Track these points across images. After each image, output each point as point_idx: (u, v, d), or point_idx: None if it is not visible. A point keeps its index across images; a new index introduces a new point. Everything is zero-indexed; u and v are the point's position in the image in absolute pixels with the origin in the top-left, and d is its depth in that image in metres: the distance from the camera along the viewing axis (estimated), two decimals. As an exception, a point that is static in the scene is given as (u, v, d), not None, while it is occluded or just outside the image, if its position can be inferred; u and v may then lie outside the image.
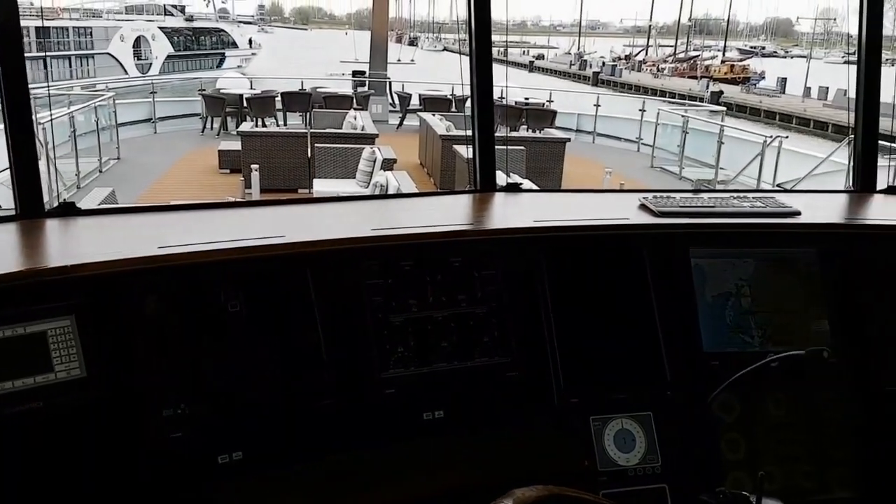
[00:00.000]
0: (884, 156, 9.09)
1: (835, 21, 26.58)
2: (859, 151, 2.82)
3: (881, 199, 2.73)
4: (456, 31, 10.97)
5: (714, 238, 2.27)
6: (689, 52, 62.16)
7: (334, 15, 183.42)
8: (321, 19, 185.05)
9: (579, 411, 2.06)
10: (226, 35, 51.05)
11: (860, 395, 2.18)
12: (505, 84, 14.77)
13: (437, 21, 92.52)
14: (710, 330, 2.20)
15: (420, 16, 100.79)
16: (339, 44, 44.12)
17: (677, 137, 14.15)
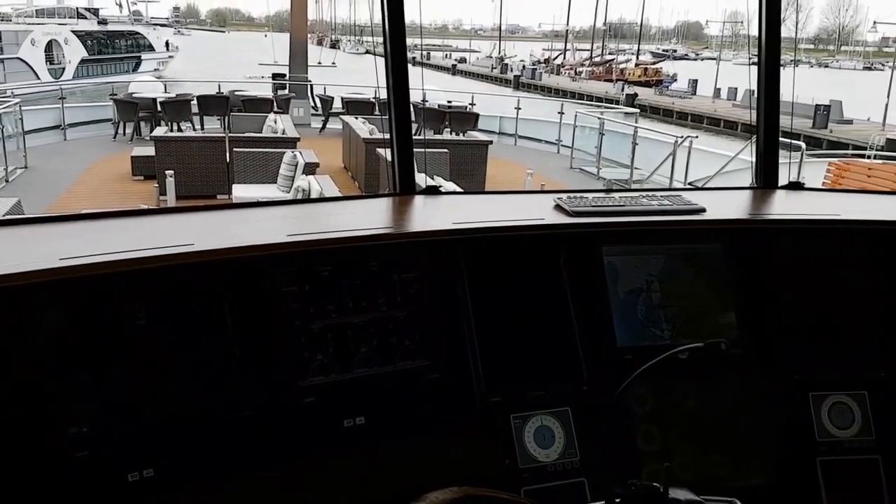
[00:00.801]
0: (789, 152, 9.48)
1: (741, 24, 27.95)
2: (761, 149, 2.96)
3: (782, 195, 2.87)
4: (379, 34, 10.98)
5: (625, 236, 2.33)
6: (605, 55, 63.93)
7: (253, 17, 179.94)
8: (239, 21, 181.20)
9: (500, 410, 2.08)
10: (141, 38, 49.48)
11: (767, 383, 2.28)
12: (422, 87, 14.86)
13: (359, 24, 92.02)
14: (624, 325, 2.26)
15: (342, 18, 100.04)
16: (258, 46, 43.29)
17: (595, 139, 14.52)
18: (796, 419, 2.25)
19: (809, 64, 70.14)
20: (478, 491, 1.18)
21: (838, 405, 2.26)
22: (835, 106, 31.00)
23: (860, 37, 77.30)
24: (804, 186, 2.98)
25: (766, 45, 2.86)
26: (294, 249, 1.96)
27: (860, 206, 2.85)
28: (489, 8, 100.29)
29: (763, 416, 2.25)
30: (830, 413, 2.25)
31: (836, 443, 2.23)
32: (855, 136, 27.11)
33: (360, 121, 12.75)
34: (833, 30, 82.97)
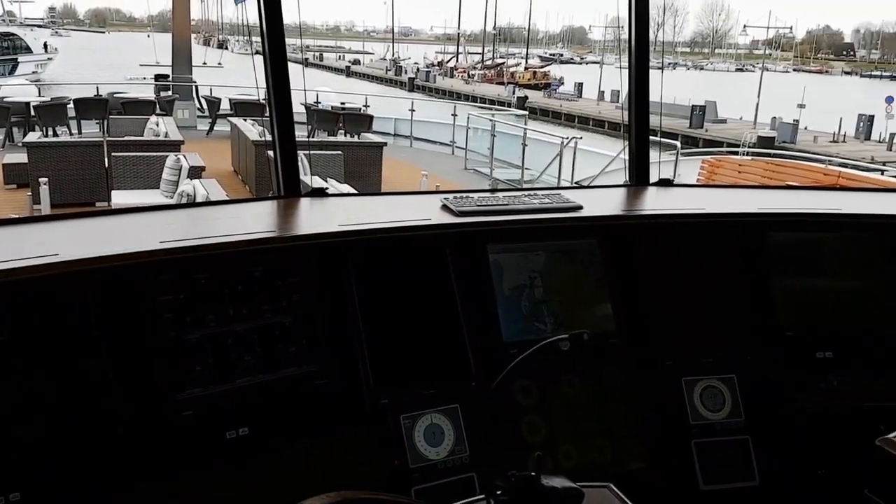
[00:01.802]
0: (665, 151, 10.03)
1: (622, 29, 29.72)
2: (633, 149, 3.10)
3: (654, 192, 3.02)
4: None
5: (508, 234, 2.39)
6: (496, 59, 65.19)
7: (134, 17, 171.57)
8: (120, 21, 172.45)
9: (390, 411, 2.08)
10: (18, 39, 46.15)
11: (643, 370, 2.39)
12: (305, 87, 14.64)
13: (247, 24, 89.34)
14: (509, 320, 2.32)
15: (230, 18, 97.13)
16: (140, 47, 41.40)
17: (488, 140, 14.79)
18: (671, 404, 2.38)
19: (686, 66, 74.20)
20: (356, 494, 1.17)
21: (709, 389, 2.40)
22: (710, 106, 32.95)
23: (732, 40, 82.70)
24: (673, 183, 3.15)
25: (635, 49, 3.00)
26: (166, 257, 1.89)
27: (724, 200, 3.04)
28: (382, 10, 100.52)
29: (640, 403, 2.36)
30: (702, 397, 2.39)
31: (709, 425, 2.37)
32: (729, 134, 28.88)
33: (250, 123, 12.43)
34: (707, 33, 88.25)
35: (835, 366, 2.45)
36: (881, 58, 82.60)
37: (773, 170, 11.94)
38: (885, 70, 73.50)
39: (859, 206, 2.94)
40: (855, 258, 2.60)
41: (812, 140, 28.12)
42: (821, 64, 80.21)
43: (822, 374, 2.43)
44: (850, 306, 2.56)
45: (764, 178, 11.56)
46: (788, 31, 72.67)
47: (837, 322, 2.54)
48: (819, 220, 2.63)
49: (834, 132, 29.67)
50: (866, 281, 2.58)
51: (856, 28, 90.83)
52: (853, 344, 2.50)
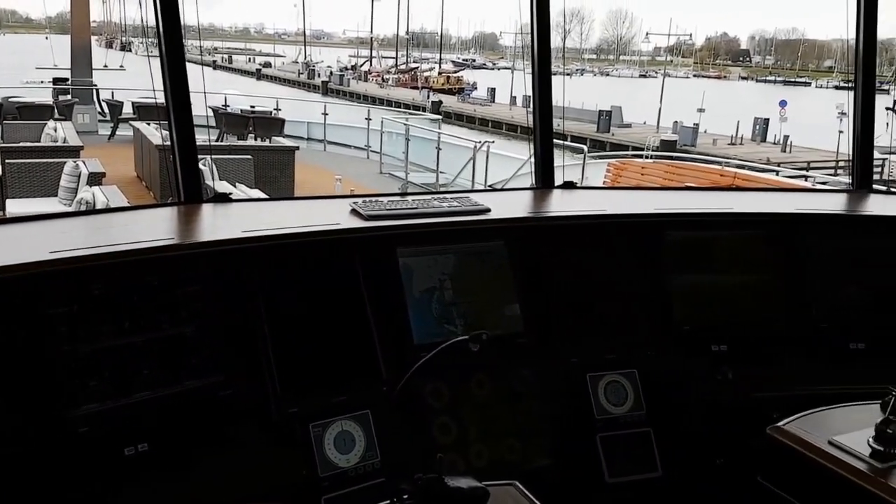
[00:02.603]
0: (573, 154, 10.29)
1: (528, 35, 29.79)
2: (538, 153, 3.18)
3: (558, 194, 3.11)
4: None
5: (417, 237, 2.41)
6: (410, 63, 65.36)
7: (31, 18, 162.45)
8: (16, 23, 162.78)
9: (299, 420, 2.06)
10: None
11: (550, 368, 2.45)
12: (203, 89, 14.30)
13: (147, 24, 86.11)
14: (420, 323, 2.33)
15: (133, 19, 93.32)
16: (38, 49, 39.21)
17: (402, 144, 14.78)
18: (577, 400, 2.44)
19: (593, 73, 76.48)
20: None
21: (613, 384, 2.48)
22: (616, 111, 34.09)
23: (636, 47, 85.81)
24: (577, 186, 3.25)
25: (537, 56, 3.08)
26: (56, 267, 1.80)
27: (625, 201, 3.15)
28: (293, 13, 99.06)
29: (547, 400, 2.42)
30: (606, 392, 2.47)
31: (613, 419, 2.45)
32: (634, 138, 29.95)
33: (153, 127, 11.97)
34: (613, 40, 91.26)
35: (729, 358, 2.58)
36: (775, 63, 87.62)
37: (674, 172, 12.48)
38: (779, 75, 77.95)
39: (750, 205, 3.11)
40: (746, 255, 2.75)
41: (711, 143, 29.52)
42: (719, 70, 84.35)
43: (718, 366, 2.56)
44: (743, 301, 2.70)
45: (665, 179, 12.05)
46: (688, 39, 76.19)
47: (731, 316, 2.68)
48: (711, 220, 2.76)
49: (732, 135, 31.24)
50: (756, 276, 2.73)
51: (751, 35, 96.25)
52: (745, 336, 2.64)
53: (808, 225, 2.81)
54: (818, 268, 2.72)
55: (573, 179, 3.27)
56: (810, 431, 1.69)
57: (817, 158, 25.39)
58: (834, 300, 2.71)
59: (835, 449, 1.60)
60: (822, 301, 2.70)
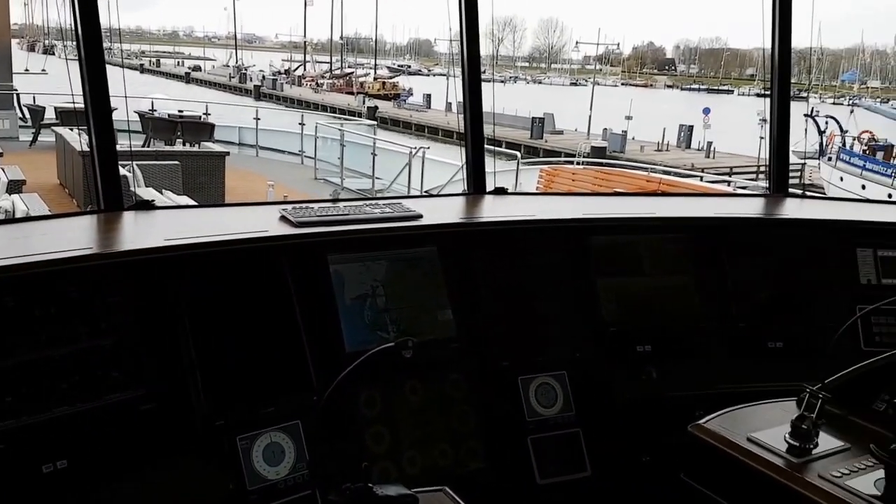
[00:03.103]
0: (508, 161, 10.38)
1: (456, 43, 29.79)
2: (470, 159, 3.20)
3: (490, 200, 3.14)
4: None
5: (349, 244, 2.39)
6: (345, 68, 64.93)
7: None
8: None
9: (226, 433, 2.01)
10: None
11: (482, 372, 2.47)
12: (123, 93, 13.93)
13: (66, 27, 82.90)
14: (351, 330, 2.31)
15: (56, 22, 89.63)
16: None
17: (338, 150, 14.67)
18: (508, 403, 2.47)
19: (526, 80, 77.62)
20: None
21: (543, 386, 2.52)
22: (548, 118, 34.70)
23: (567, 55, 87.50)
24: (508, 191, 3.29)
25: (467, 63, 3.10)
26: None
27: (555, 207, 3.21)
28: (223, 16, 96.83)
29: (480, 404, 2.43)
30: (537, 394, 2.50)
31: (543, 421, 2.48)
32: (566, 144, 30.49)
33: (76, 132, 11.53)
34: (544, 49, 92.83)
35: (653, 358, 2.65)
36: (699, 72, 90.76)
37: (604, 177, 12.80)
38: (703, 83, 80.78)
39: (673, 210, 3.21)
40: (669, 258, 2.83)
41: (639, 149, 30.34)
42: (646, 78, 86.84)
43: (643, 366, 2.63)
44: (666, 302, 2.78)
45: (595, 185, 12.35)
46: (616, 48, 78.19)
47: (655, 317, 2.75)
48: (636, 224, 2.84)
49: (658, 142, 32.19)
50: (679, 278, 2.82)
51: (676, 44, 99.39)
52: (669, 337, 2.72)
53: (727, 228, 2.92)
54: (737, 269, 2.83)
55: (508, 185, 3.32)
56: (730, 428, 1.74)
57: (739, 164, 26.39)
58: (752, 301, 2.82)
59: (753, 445, 1.66)
60: (741, 301, 2.81)
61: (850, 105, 33.81)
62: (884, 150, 22.70)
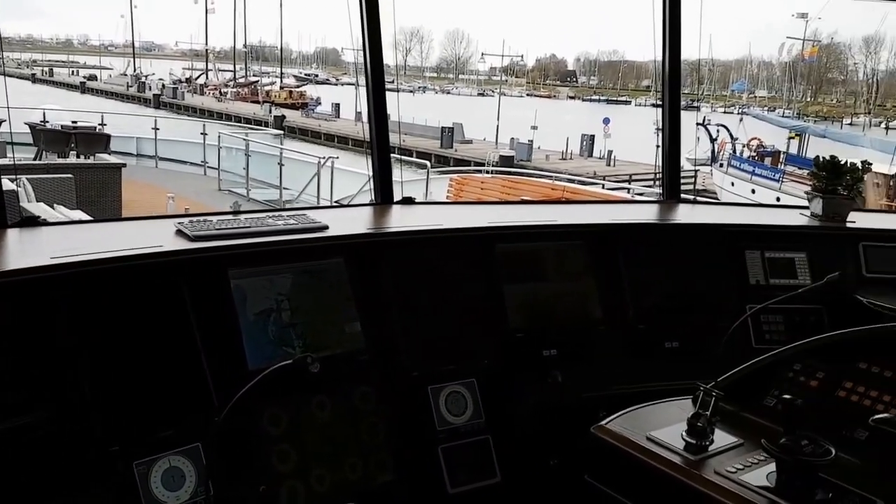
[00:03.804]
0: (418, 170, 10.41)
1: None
2: (377, 169, 3.19)
3: (397, 209, 3.13)
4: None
5: (251, 257, 2.32)
6: (249, 77, 63.55)
7: None
8: None
9: (122, 459, 1.91)
10: None
11: (392, 383, 2.45)
12: (15, 106, 13.20)
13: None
14: (255, 347, 2.25)
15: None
16: None
17: (243, 160, 14.32)
18: (419, 413, 2.46)
19: (434, 90, 78.16)
20: None
21: (453, 394, 2.53)
22: (457, 128, 35.08)
23: (473, 66, 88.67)
24: (415, 201, 3.29)
25: (371, 73, 3.09)
26: None
27: (462, 215, 3.24)
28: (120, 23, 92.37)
29: (390, 416, 2.41)
30: (447, 403, 2.50)
31: (454, 429, 2.49)
32: (475, 154, 30.89)
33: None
34: (452, 60, 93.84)
35: (559, 362, 2.70)
36: (599, 84, 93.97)
37: (511, 186, 13.04)
38: (603, 94, 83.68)
39: (575, 217, 3.30)
40: (571, 263, 2.90)
41: (545, 158, 31.09)
42: (549, 89, 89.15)
43: (549, 370, 2.68)
44: (569, 306, 2.85)
45: (503, 193, 12.56)
46: (521, 59, 79.97)
47: (559, 322, 2.81)
48: (539, 231, 2.90)
49: (562, 151, 33.09)
50: (581, 283, 2.89)
51: (577, 57, 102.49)
52: (573, 340, 2.78)
53: (623, 234, 3.02)
54: (634, 273, 2.93)
55: (418, 194, 3.32)
56: (630, 428, 1.79)
57: (638, 171, 27.42)
58: (649, 303, 2.93)
59: (652, 444, 1.71)
60: (638, 304, 2.91)
61: (740, 114, 35.82)
62: (771, 156, 24.10)
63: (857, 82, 63.00)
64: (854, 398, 1.75)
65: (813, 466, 1.49)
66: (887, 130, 36.00)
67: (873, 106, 51.72)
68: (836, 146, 20.62)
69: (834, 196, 3.33)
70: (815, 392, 1.80)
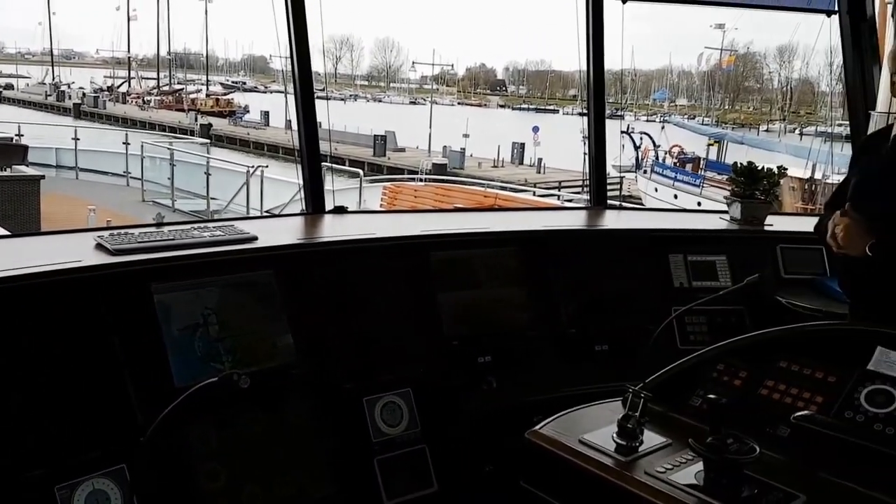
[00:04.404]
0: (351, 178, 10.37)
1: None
2: (307, 179, 3.15)
3: (329, 219, 3.10)
4: None
5: (175, 271, 2.26)
6: (174, 85, 61.91)
7: None
8: None
9: (42, 484, 1.82)
10: None
11: (326, 396, 2.42)
12: None
13: None
14: (181, 364, 2.19)
15: None
16: None
17: (168, 170, 13.91)
18: (353, 425, 2.43)
19: (366, 99, 77.77)
20: None
21: (389, 405, 2.51)
22: (390, 136, 35.03)
23: (404, 75, 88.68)
24: (347, 210, 3.26)
25: (299, 81, 3.05)
26: None
27: (395, 224, 3.23)
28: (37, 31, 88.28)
29: (324, 429, 2.37)
30: (382, 413, 2.48)
31: (390, 440, 2.47)
32: (409, 162, 30.91)
33: None
34: (382, 68, 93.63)
35: (494, 368, 2.72)
36: (528, 93, 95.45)
37: (444, 194, 13.11)
38: (532, 103, 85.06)
39: (506, 224, 3.33)
40: (503, 270, 2.93)
41: (477, 166, 31.36)
42: (480, 98, 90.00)
43: (484, 376, 2.69)
44: (503, 313, 2.88)
45: (436, 201, 12.60)
46: (451, 69, 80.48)
47: (493, 328, 2.83)
48: (471, 239, 2.92)
49: (494, 158, 33.45)
50: (513, 289, 2.92)
51: (506, 66, 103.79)
52: (507, 346, 2.80)
53: (553, 240, 3.07)
54: (564, 278, 2.98)
55: (352, 203, 3.30)
56: (563, 432, 1.81)
57: (567, 178, 27.96)
58: (579, 307, 2.99)
59: (584, 447, 1.73)
60: (568, 308, 2.96)
61: (662, 122, 37.03)
62: (692, 162, 24.99)
63: (773, 90, 65.96)
64: (776, 396, 1.81)
65: (738, 464, 1.53)
66: (801, 136, 37.84)
67: (788, 113, 54.24)
68: (753, 152, 21.55)
69: (752, 200, 3.47)
70: (738, 391, 1.85)
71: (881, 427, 1.62)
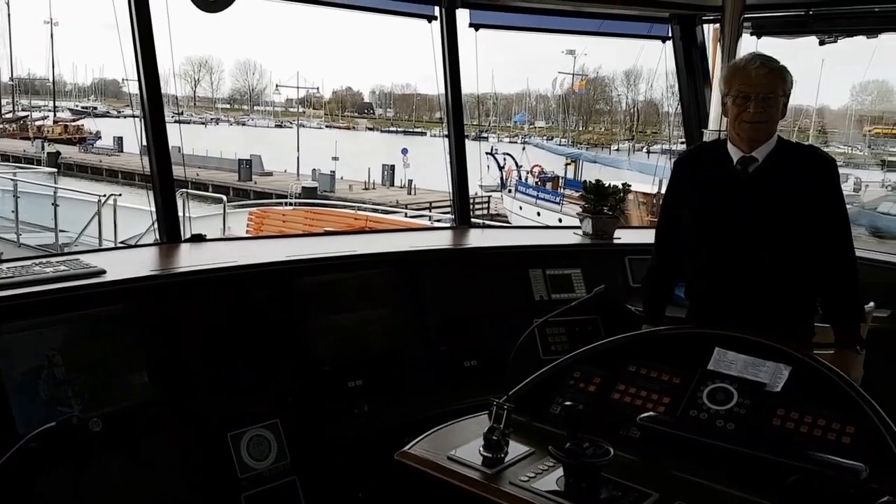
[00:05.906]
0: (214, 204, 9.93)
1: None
2: (161, 207, 3.02)
3: (186, 248, 2.98)
4: None
5: (14, 311, 2.10)
6: (18, 112, 57.44)
7: None
8: None
9: None
10: None
11: (187, 434, 2.31)
12: None
13: None
14: (24, 409, 2.04)
15: None
16: None
17: (11, 202, 12.83)
18: (218, 462, 2.34)
19: (229, 122, 75.39)
20: None
21: (256, 438, 2.43)
22: (256, 160, 34.17)
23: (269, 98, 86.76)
24: (206, 238, 3.15)
25: (148, 107, 2.94)
26: None
27: (259, 251, 3.15)
28: None
29: (187, 467, 2.27)
30: (249, 448, 2.40)
31: (257, 475, 2.39)
32: (276, 186, 30.24)
33: None
34: (245, 91, 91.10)
35: (365, 392, 2.71)
36: (395, 116, 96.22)
37: (314, 217, 12.89)
38: (400, 126, 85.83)
39: (376, 246, 3.34)
40: (373, 292, 2.94)
41: (348, 188, 31.23)
42: (348, 121, 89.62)
43: (355, 401, 2.67)
44: (373, 335, 2.87)
45: (306, 225, 12.38)
46: (317, 91, 79.63)
47: (365, 351, 2.83)
48: (340, 262, 2.91)
49: (365, 181, 33.44)
50: (383, 310, 2.93)
51: (372, 90, 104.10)
52: (379, 369, 2.80)
53: (421, 260, 3.12)
54: (433, 297, 3.03)
55: (213, 231, 3.19)
56: (432, 450, 1.83)
57: (437, 199, 28.43)
58: (447, 325, 3.04)
59: (453, 463, 1.76)
60: (438, 326, 3.01)
61: (523, 143, 38.49)
62: (552, 181, 26.13)
63: (621, 112, 70.30)
64: (627, 399, 1.92)
65: (594, 467, 1.60)
66: (649, 154, 40.57)
67: (636, 132, 57.96)
68: (605, 170, 22.94)
69: (601, 216, 3.69)
70: (592, 396, 1.95)
71: (722, 423, 1.76)
